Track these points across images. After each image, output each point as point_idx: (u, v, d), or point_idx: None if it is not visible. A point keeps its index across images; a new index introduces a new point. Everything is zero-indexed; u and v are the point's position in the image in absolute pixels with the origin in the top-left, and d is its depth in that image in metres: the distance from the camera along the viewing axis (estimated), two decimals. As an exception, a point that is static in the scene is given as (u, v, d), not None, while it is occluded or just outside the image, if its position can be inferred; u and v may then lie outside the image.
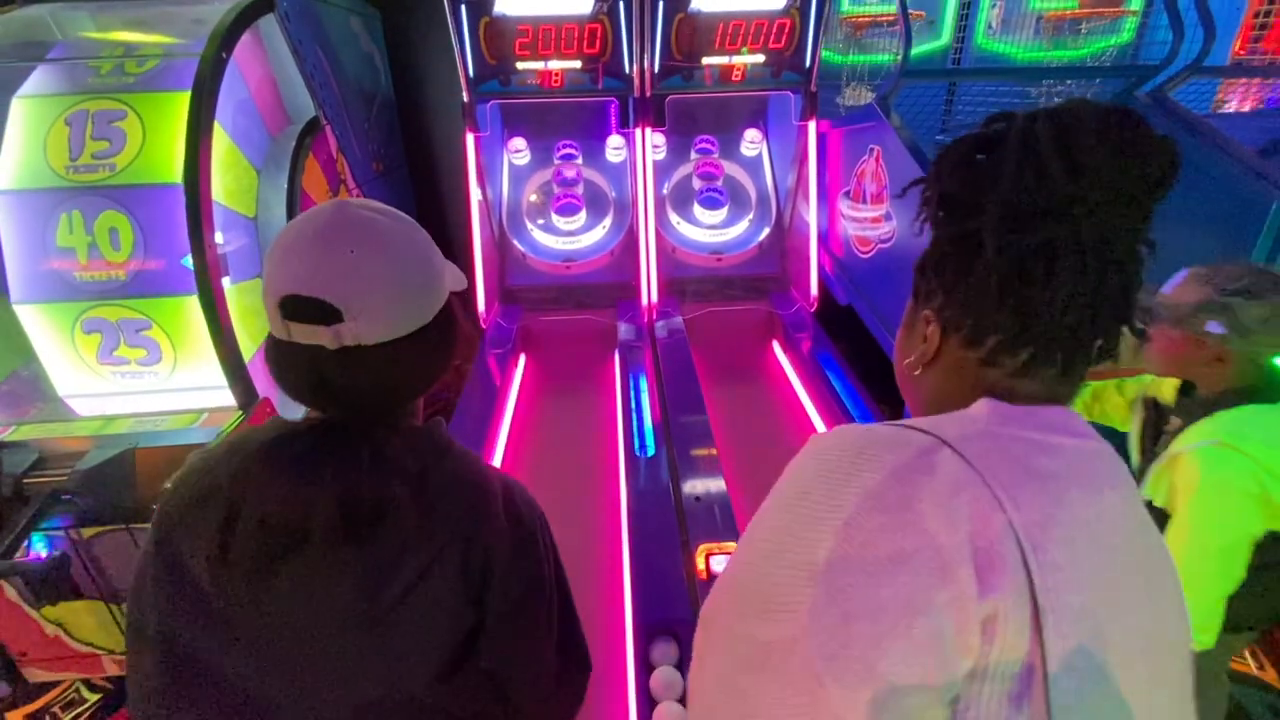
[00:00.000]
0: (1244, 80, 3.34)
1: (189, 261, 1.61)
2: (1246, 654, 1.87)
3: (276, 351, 0.66)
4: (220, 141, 1.72)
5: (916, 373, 0.60)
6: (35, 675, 1.76)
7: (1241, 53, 3.28)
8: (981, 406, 0.52)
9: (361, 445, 0.65)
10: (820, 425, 2.37)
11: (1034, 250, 0.49)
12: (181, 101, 1.65)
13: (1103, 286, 0.49)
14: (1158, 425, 1.35)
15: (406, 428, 0.70)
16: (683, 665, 1.40)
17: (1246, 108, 3.31)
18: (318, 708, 0.65)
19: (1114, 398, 1.51)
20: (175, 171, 1.63)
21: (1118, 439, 1.30)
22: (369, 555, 0.63)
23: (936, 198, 0.55)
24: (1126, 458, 1.32)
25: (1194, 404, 1.25)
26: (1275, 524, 1.12)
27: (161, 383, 1.78)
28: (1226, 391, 1.20)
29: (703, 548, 1.58)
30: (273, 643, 0.64)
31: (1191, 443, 1.17)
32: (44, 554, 1.52)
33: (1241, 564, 1.13)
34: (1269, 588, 1.19)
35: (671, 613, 1.48)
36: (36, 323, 1.71)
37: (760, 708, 0.45)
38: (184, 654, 0.64)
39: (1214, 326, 1.14)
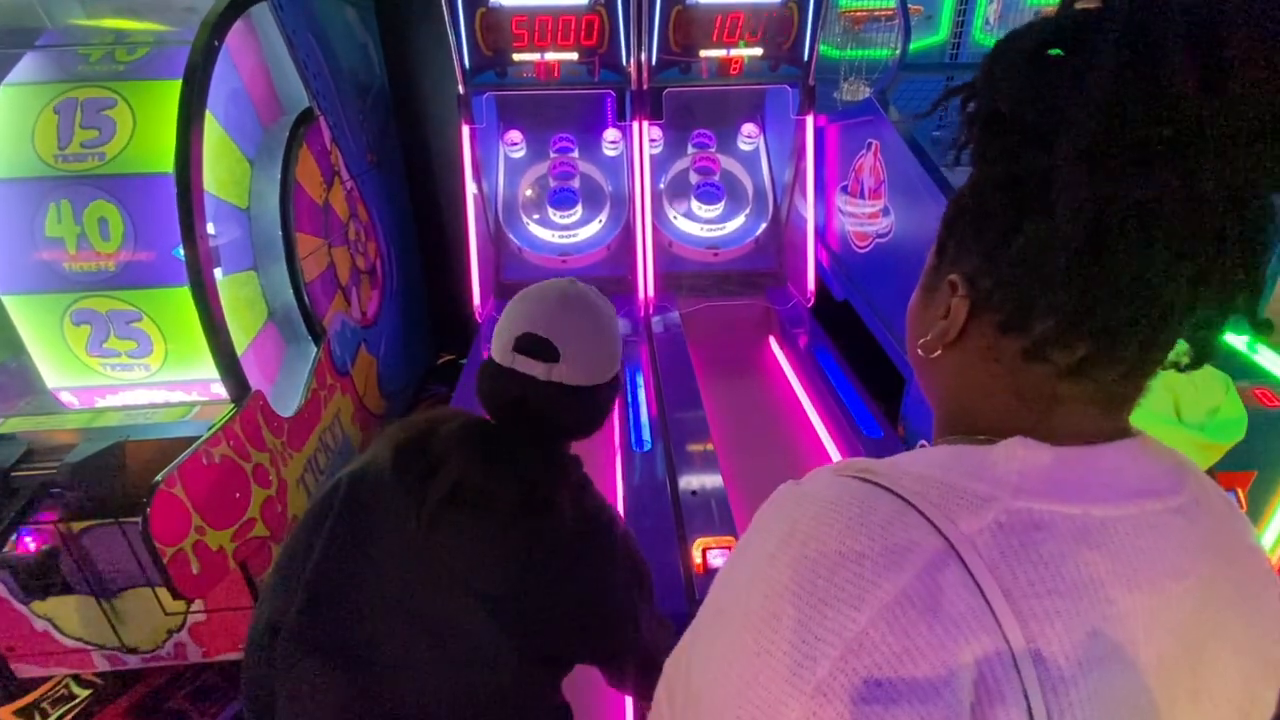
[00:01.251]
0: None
1: (180, 252, 1.59)
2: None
3: (494, 374, 0.85)
4: (212, 131, 1.70)
5: (934, 355, 0.46)
6: (24, 671, 1.74)
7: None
8: (1010, 457, 0.38)
9: (538, 452, 0.83)
10: (817, 421, 2.36)
11: (1131, 205, 0.34)
12: (172, 90, 1.62)
13: (1219, 257, 0.34)
14: None
15: (566, 454, 0.90)
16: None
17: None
18: (425, 661, 0.78)
19: None
20: (166, 161, 1.61)
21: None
22: (533, 536, 0.80)
23: (984, 116, 0.39)
24: None
25: None
26: None
27: (152, 375, 1.76)
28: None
29: (699, 542, 1.58)
30: (422, 579, 0.79)
31: None
32: (33, 548, 1.50)
33: None
34: None
35: (668, 607, 1.47)
36: (24, 314, 1.69)
37: None
38: (330, 576, 0.80)
39: None
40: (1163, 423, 1.18)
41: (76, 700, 1.83)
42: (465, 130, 2.69)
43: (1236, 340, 1.91)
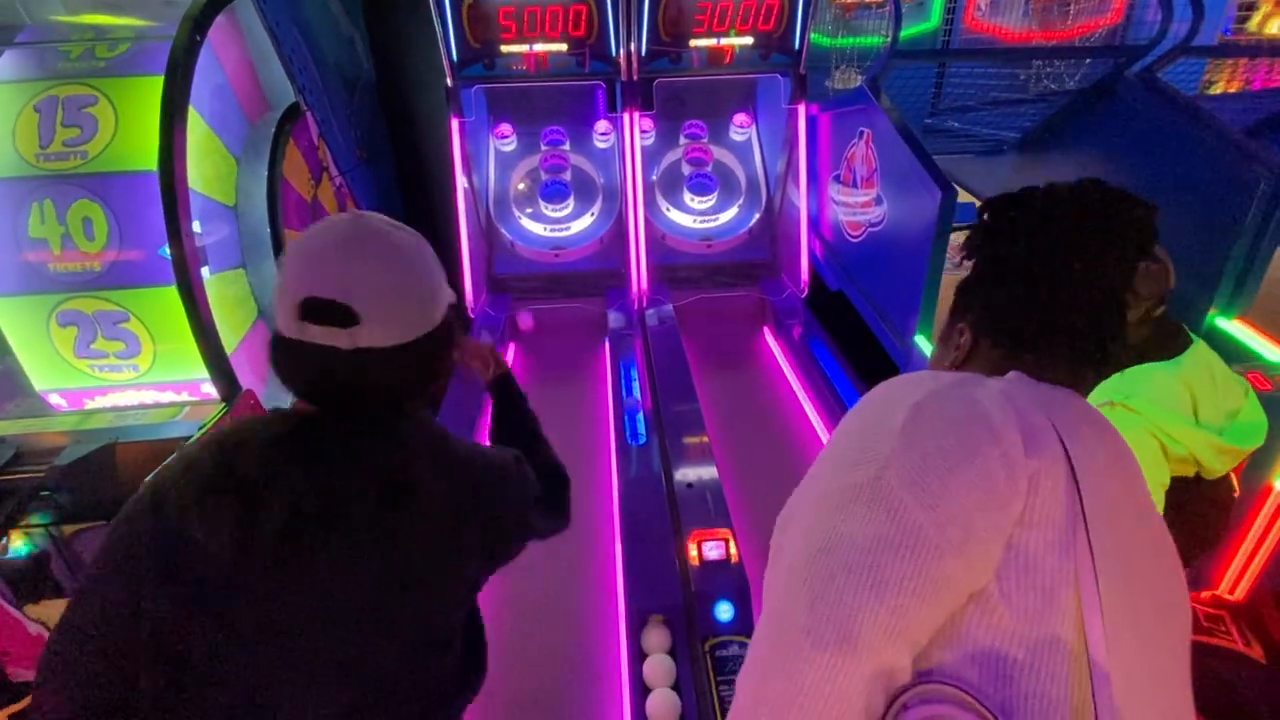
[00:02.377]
0: (1230, 61, 3.35)
1: (166, 251, 1.57)
2: (1233, 630, 1.89)
3: (286, 350, 0.69)
4: (196, 128, 1.67)
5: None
6: (19, 674, 1.73)
7: (1229, 33, 3.29)
8: (1011, 374, 0.62)
9: (375, 434, 0.70)
10: (812, 411, 2.36)
11: (1047, 276, 0.63)
12: (154, 86, 1.60)
13: (1098, 309, 0.63)
14: None
15: (409, 419, 0.75)
16: (676, 652, 1.39)
17: (1233, 89, 3.31)
18: (321, 694, 0.68)
19: None
20: (150, 159, 1.58)
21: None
22: (404, 527, 0.69)
23: (979, 238, 0.69)
24: None
25: None
26: (1180, 471, 1.20)
27: (141, 376, 1.75)
28: (1125, 355, 1.24)
29: (695, 533, 1.58)
30: (291, 627, 0.66)
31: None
32: (24, 551, 1.49)
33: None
34: (1179, 528, 1.23)
35: (664, 600, 1.47)
36: (10, 316, 1.67)
37: (852, 526, 0.52)
38: (179, 644, 0.65)
39: None
40: (1179, 422, 1.17)
41: (73, 703, 1.82)
42: (454, 124, 2.67)
43: (1230, 325, 1.92)
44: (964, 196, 1.94)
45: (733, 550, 1.52)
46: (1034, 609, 0.49)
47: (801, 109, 2.76)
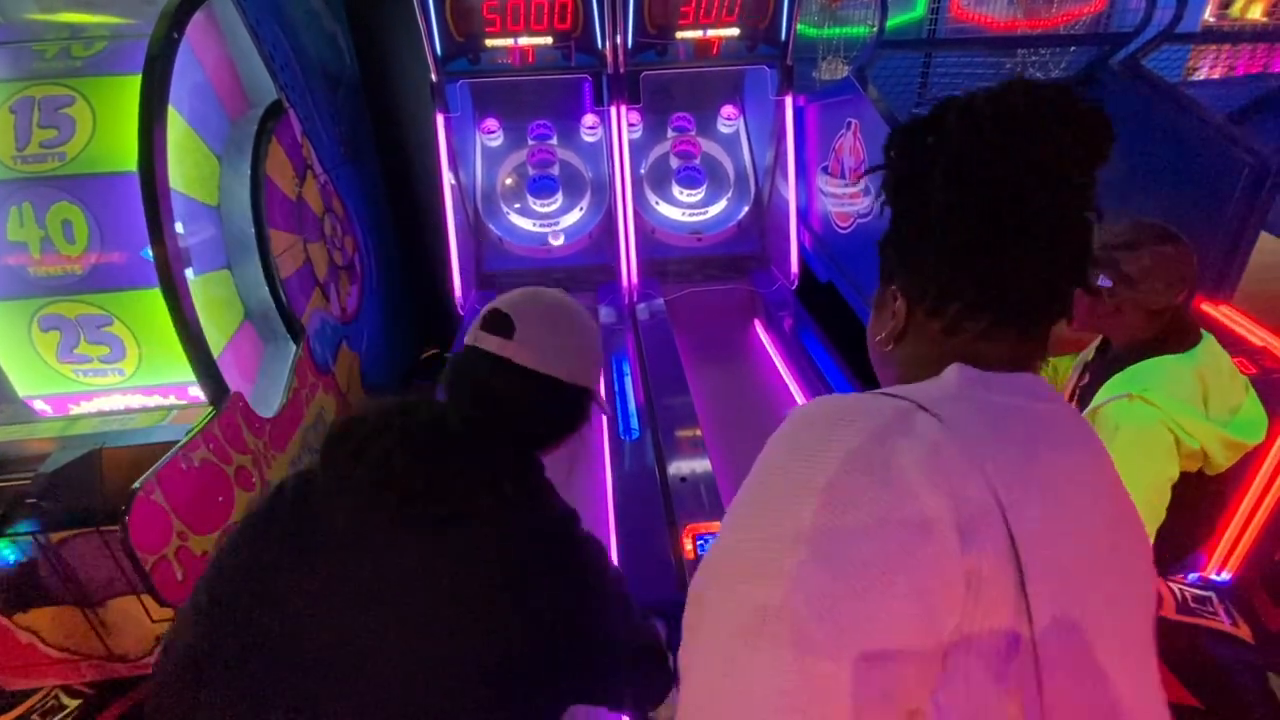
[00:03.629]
0: (1214, 47, 3.37)
1: (149, 253, 1.55)
2: (1219, 611, 1.92)
3: (456, 358, 0.84)
4: (176, 127, 1.65)
5: (888, 348, 0.62)
6: (11, 683, 1.71)
7: (1212, 19, 3.31)
8: (951, 372, 0.54)
9: (486, 443, 0.76)
10: (803, 402, 2.37)
11: (981, 221, 0.52)
12: (132, 85, 1.57)
13: (1054, 253, 0.52)
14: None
15: (523, 455, 0.83)
16: (672, 646, 1.40)
17: (1216, 74, 3.33)
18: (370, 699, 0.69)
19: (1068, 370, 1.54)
20: (129, 159, 1.55)
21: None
22: (473, 541, 0.72)
23: (892, 179, 0.58)
24: None
25: (1107, 359, 1.32)
26: (1186, 466, 1.21)
27: (126, 380, 1.72)
28: (1134, 345, 1.26)
29: (689, 528, 1.58)
30: (355, 596, 0.70)
31: (1105, 397, 1.24)
32: (11, 560, 1.47)
33: (1163, 507, 1.19)
34: (1181, 524, 1.25)
35: (660, 594, 1.48)
36: (-10, 321, 1.64)
37: (753, 674, 0.43)
38: (267, 601, 0.71)
39: (1102, 280, 1.21)
40: (1194, 416, 1.18)
41: (66, 710, 1.81)
42: (440, 119, 2.64)
43: (1216, 311, 1.94)
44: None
45: (727, 543, 1.53)
46: (977, 712, 0.44)
47: (789, 100, 2.75)
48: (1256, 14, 3.86)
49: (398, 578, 0.70)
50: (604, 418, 2.25)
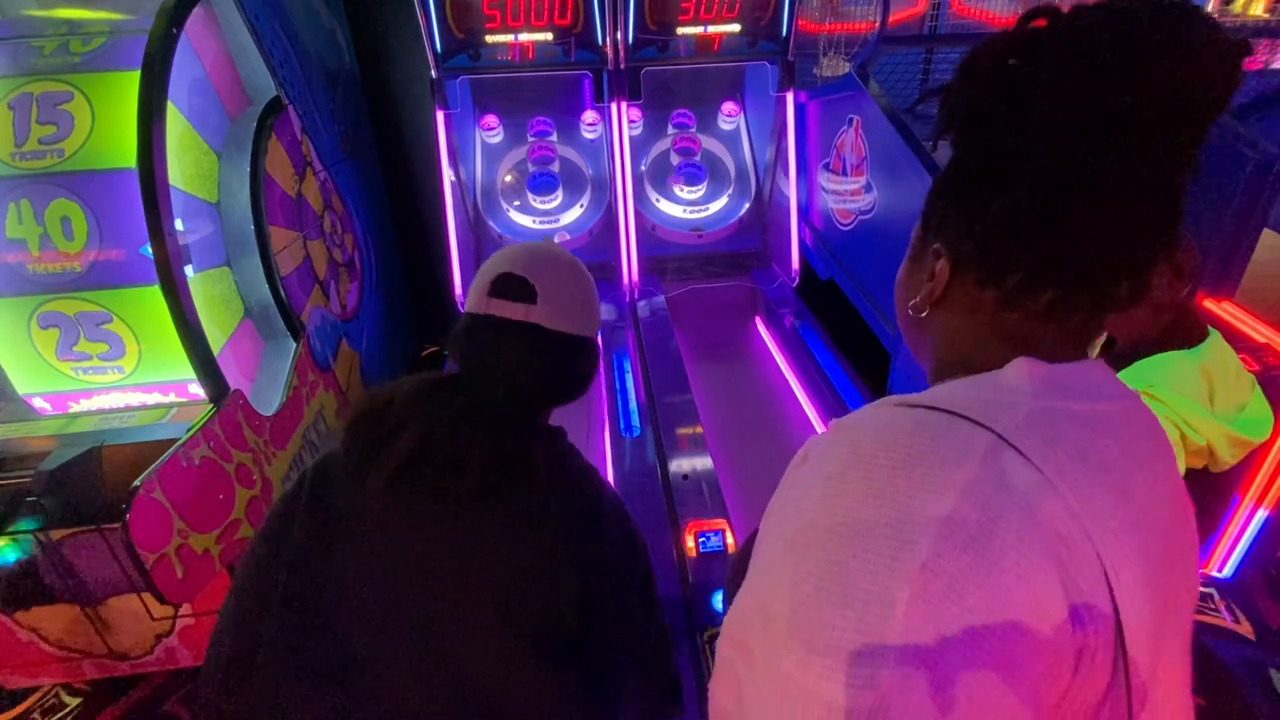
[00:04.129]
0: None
1: (148, 250, 1.54)
2: (1221, 608, 1.92)
3: (469, 325, 0.81)
4: (176, 123, 1.64)
5: (923, 314, 0.52)
6: (11, 681, 1.71)
7: (1214, 15, 3.30)
8: (1019, 372, 0.45)
9: (513, 411, 0.77)
10: (805, 400, 2.37)
11: (1080, 173, 0.42)
12: (131, 81, 1.56)
13: (1147, 217, 0.43)
14: None
15: (546, 420, 0.84)
16: (679, 648, 1.40)
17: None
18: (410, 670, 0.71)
19: None
20: (128, 156, 1.55)
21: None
22: (505, 498, 0.73)
23: (962, 110, 0.47)
24: None
25: (1113, 357, 1.31)
26: (1192, 463, 1.20)
27: (126, 378, 1.72)
28: (1139, 341, 1.25)
29: (691, 525, 1.58)
30: (384, 572, 0.72)
31: None
32: (11, 558, 1.47)
33: None
34: None
35: (662, 592, 1.47)
36: (-11, 319, 1.63)
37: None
38: (298, 585, 0.73)
39: None
40: (1200, 413, 1.17)
41: (67, 709, 1.80)
42: (440, 115, 2.63)
43: (1218, 308, 1.93)
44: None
45: (730, 540, 1.52)
46: None
47: (790, 96, 2.74)
48: (1258, 10, 3.86)
49: (446, 551, 0.72)
50: (604, 412, 2.25)
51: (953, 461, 0.39)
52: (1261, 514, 1.76)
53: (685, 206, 3.05)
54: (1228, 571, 1.88)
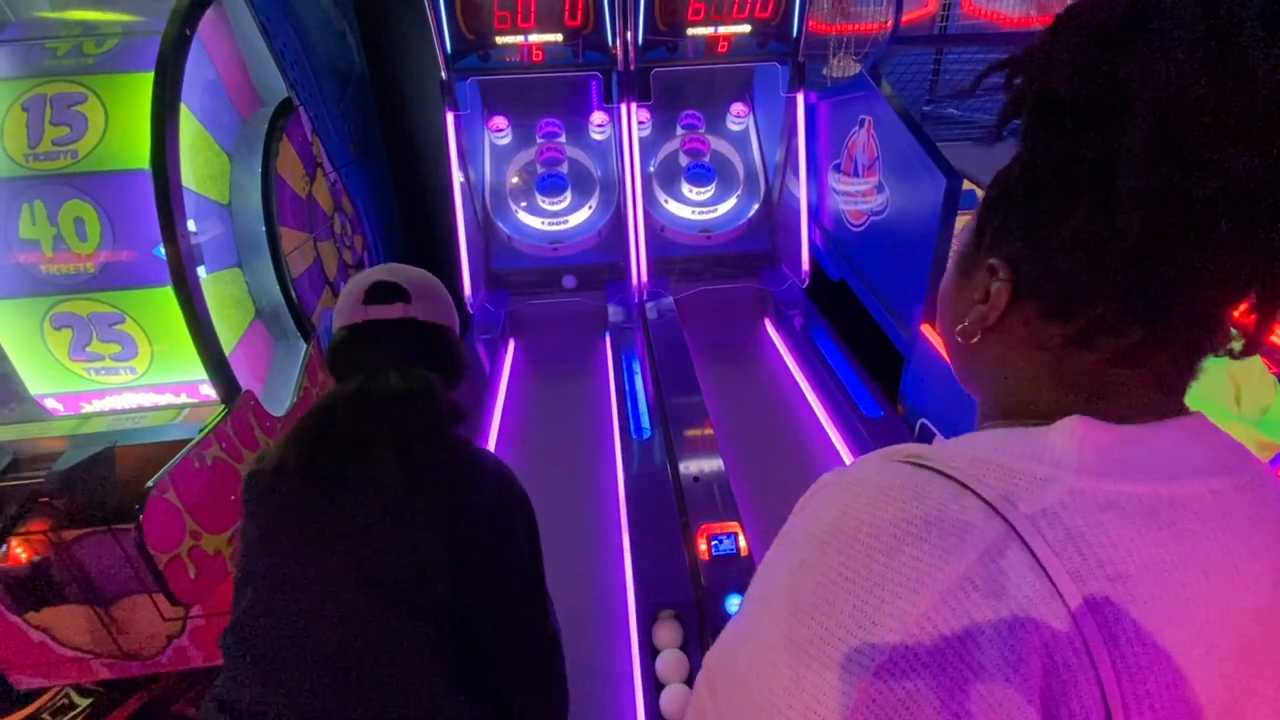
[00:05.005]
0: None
1: (161, 251, 1.54)
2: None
3: (349, 335, 0.92)
4: (189, 125, 1.64)
5: (974, 341, 0.44)
6: (23, 682, 1.71)
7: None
8: (1070, 435, 0.36)
9: (414, 397, 0.86)
10: (815, 402, 2.35)
11: (1201, 198, 0.32)
12: (144, 83, 1.56)
13: (1271, 247, 0.33)
14: None
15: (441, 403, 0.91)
16: (687, 646, 1.38)
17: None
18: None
19: None
20: (142, 157, 1.55)
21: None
22: (417, 470, 0.83)
23: (1037, 95, 0.37)
24: None
25: None
26: None
27: (138, 378, 1.72)
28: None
29: (703, 528, 1.56)
30: (321, 537, 0.82)
31: None
32: (23, 559, 1.47)
33: None
34: None
35: (674, 595, 1.46)
36: (2, 320, 1.64)
37: None
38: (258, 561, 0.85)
39: None
40: (1223, 414, 1.15)
41: (78, 709, 1.81)
42: (449, 117, 2.63)
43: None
44: (965, 185, 1.93)
45: (742, 543, 1.51)
46: None
47: (800, 97, 2.73)
48: None
49: (379, 511, 0.82)
50: (613, 413, 2.24)
51: (942, 555, 0.33)
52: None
53: (694, 207, 3.04)
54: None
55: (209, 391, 1.66)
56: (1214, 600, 0.35)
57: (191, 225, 1.61)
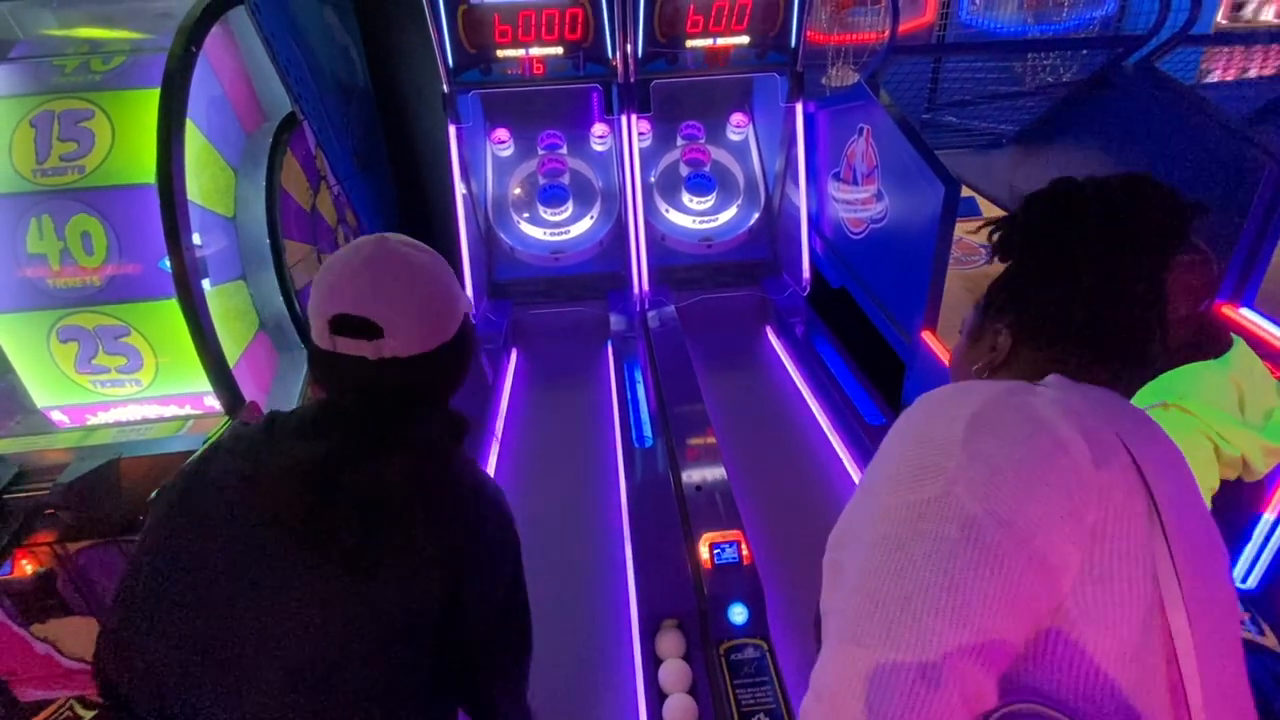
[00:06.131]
0: (1226, 50, 3.35)
1: (166, 264, 1.56)
2: (1247, 620, 1.88)
3: (321, 360, 0.77)
4: (194, 140, 1.66)
5: (984, 376, 0.68)
6: (27, 694, 1.71)
7: (1224, 21, 3.29)
8: (1050, 377, 0.61)
9: (393, 432, 0.75)
10: (817, 410, 2.35)
11: (1104, 278, 0.61)
12: (151, 99, 1.59)
13: (1153, 310, 0.63)
14: None
15: (433, 418, 0.79)
16: (690, 656, 1.38)
17: (1230, 77, 3.31)
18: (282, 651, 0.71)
19: None
20: (148, 172, 1.57)
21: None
22: (393, 520, 0.72)
23: (1027, 240, 0.66)
24: None
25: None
26: (1225, 475, 1.18)
27: (143, 390, 1.73)
28: (1165, 353, 1.22)
29: (705, 537, 1.56)
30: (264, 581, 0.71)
31: (1138, 407, 1.20)
32: (29, 571, 1.47)
33: None
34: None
35: (677, 604, 1.46)
36: (9, 333, 1.65)
37: (919, 551, 0.49)
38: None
39: None
40: (1232, 423, 1.15)
41: (82, 722, 1.81)
42: (451, 130, 2.66)
43: (1237, 315, 1.91)
44: (964, 191, 1.94)
45: (745, 552, 1.51)
46: (1116, 622, 0.48)
47: (799, 107, 2.75)
48: (1269, 16, 3.84)
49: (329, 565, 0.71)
50: (615, 422, 2.25)
51: (993, 387, 0.57)
52: (1286, 524, 1.72)
53: (695, 217, 3.06)
54: (1252, 583, 1.84)
55: (213, 403, 1.67)
56: (1159, 454, 0.56)
57: (196, 238, 1.62)
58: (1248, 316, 1.88)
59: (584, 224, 3.03)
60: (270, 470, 0.72)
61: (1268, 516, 1.73)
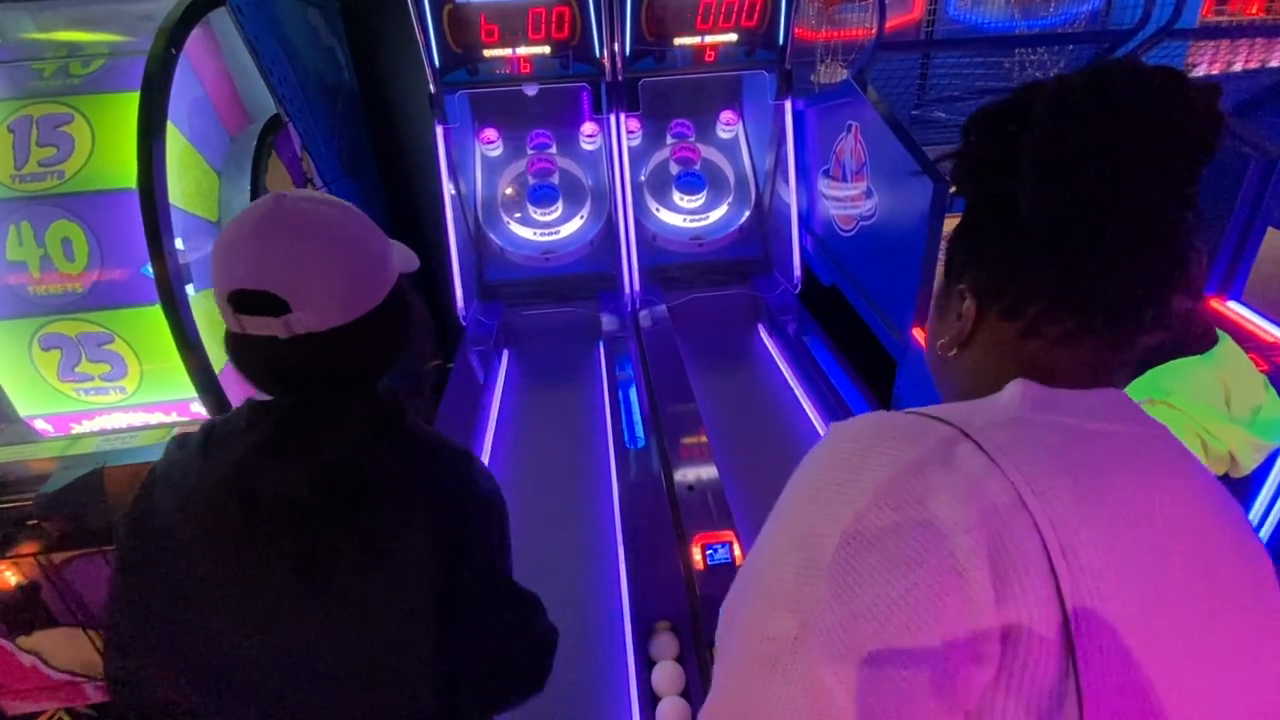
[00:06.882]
0: (1212, 44, 3.36)
1: (149, 270, 1.54)
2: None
3: (234, 344, 0.70)
4: (176, 143, 1.64)
5: (951, 354, 0.56)
6: (14, 707, 1.69)
7: (1209, 15, 3.30)
8: (1014, 389, 0.48)
9: (321, 423, 0.69)
10: (809, 408, 2.35)
11: (1074, 205, 0.46)
12: (131, 102, 1.57)
13: (1150, 252, 0.47)
14: None
15: (365, 403, 0.73)
16: (683, 659, 1.37)
17: (1216, 70, 3.32)
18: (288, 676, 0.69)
19: None
20: (129, 176, 1.55)
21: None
22: (349, 519, 0.66)
23: (969, 165, 0.53)
24: None
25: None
26: (1214, 470, 1.18)
27: (128, 398, 1.71)
28: (1151, 348, 1.22)
29: (698, 537, 1.56)
30: (255, 609, 0.67)
31: None
32: (12, 583, 1.46)
33: None
34: None
35: (670, 606, 1.46)
36: (-10, 341, 1.63)
37: (764, 706, 0.44)
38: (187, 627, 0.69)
39: None
40: (1220, 419, 1.14)
41: (71, 733, 1.79)
42: (439, 130, 2.64)
43: (1225, 308, 1.92)
44: (952, 188, 1.93)
45: (737, 552, 1.51)
46: None
47: (788, 104, 2.75)
48: (1254, 10, 3.86)
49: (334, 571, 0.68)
50: (607, 423, 2.24)
51: (907, 443, 0.44)
52: (1271, 520, 1.73)
53: (685, 215, 3.05)
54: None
55: (199, 410, 1.65)
56: (1127, 500, 0.44)
57: (180, 243, 1.60)
58: (1236, 310, 1.89)
59: (574, 224, 3.02)
60: (208, 484, 0.67)
61: (1254, 513, 1.74)
